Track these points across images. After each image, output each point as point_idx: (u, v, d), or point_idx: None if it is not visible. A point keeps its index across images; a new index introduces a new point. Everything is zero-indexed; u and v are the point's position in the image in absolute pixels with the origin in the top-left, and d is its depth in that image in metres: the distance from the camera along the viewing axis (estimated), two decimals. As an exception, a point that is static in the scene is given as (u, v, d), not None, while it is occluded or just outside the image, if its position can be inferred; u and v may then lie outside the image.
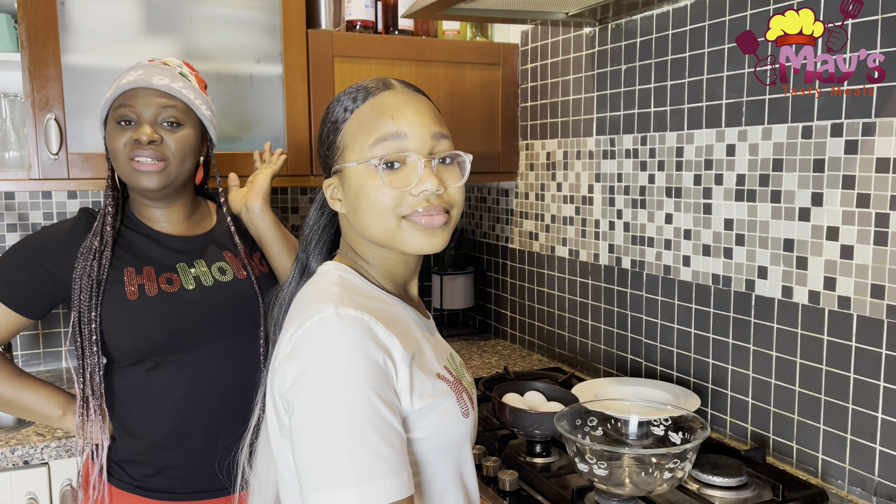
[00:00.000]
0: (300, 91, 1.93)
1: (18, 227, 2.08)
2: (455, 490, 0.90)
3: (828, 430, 1.38)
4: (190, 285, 1.32)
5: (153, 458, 1.31)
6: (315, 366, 0.78)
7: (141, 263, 1.31)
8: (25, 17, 1.67)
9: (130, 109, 1.27)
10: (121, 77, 1.30)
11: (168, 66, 1.32)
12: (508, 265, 2.35)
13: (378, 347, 0.79)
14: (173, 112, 1.28)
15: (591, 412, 1.30)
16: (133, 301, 1.27)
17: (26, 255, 1.31)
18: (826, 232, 1.35)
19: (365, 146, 0.87)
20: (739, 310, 1.53)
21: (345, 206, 0.91)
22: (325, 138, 0.93)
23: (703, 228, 1.60)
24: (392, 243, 0.88)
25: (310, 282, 0.92)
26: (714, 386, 1.61)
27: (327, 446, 0.75)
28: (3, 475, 1.54)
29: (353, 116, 0.89)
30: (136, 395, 1.31)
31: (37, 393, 1.33)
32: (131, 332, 1.27)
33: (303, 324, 0.81)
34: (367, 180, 0.86)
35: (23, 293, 1.30)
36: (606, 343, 1.93)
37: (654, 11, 1.68)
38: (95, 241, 1.28)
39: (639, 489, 1.18)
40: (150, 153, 1.26)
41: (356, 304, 0.83)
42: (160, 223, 1.37)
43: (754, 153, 1.47)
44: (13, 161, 1.92)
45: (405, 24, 2.09)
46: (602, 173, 1.89)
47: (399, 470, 0.76)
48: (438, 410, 0.84)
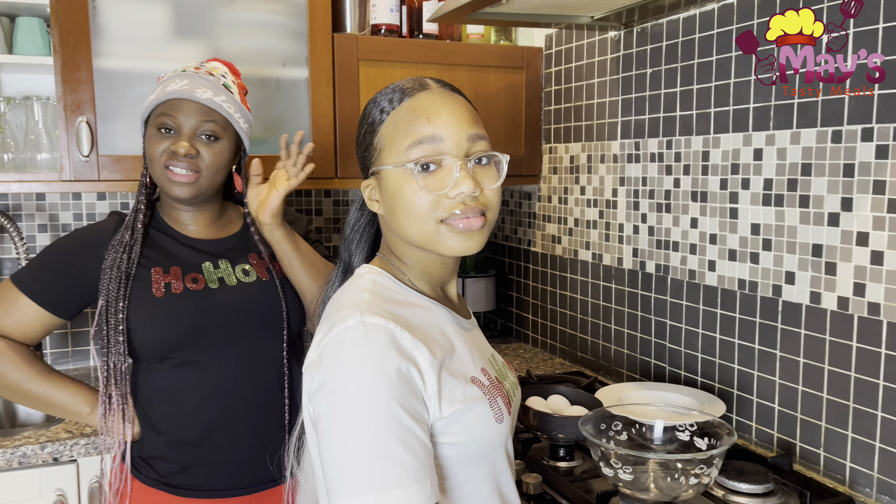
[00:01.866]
0: (325, 94, 1.94)
1: (49, 228, 2.12)
2: (492, 497, 0.89)
3: (856, 438, 1.36)
4: (214, 284, 1.34)
5: (178, 455, 1.33)
6: (338, 374, 0.79)
7: (168, 263, 1.34)
8: (58, 21, 1.70)
9: (172, 119, 1.30)
10: (166, 83, 1.32)
11: (213, 77, 1.35)
12: (531, 268, 2.35)
13: (402, 356, 0.80)
14: (213, 126, 1.31)
15: (616, 416, 1.29)
16: (159, 298, 1.30)
17: (58, 256, 1.34)
18: (856, 237, 1.34)
19: (401, 149, 0.87)
20: (766, 315, 1.52)
21: (382, 207, 0.91)
22: (362, 139, 0.94)
23: (729, 233, 1.59)
24: (430, 246, 0.88)
25: (344, 286, 0.93)
26: (739, 392, 1.60)
27: (348, 453, 0.76)
28: (33, 472, 1.57)
29: (389, 118, 0.89)
30: (161, 392, 1.33)
31: (66, 390, 1.36)
32: (156, 328, 1.30)
33: (330, 330, 0.82)
34: (403, 183, 0.86)
35: (55, 293, 1.33)
36: (630, 347, 1.93)
37: (680, 15, 1.67)
38: (126, 234, 1.32)
39: (664, 494, 1.17)
40: (185, 165, 1.29)
41: (384, 311, 0.83)
42: (188, 226, 1.40)
43: (782, 157, 1.46)
44: (45, 163, 1.95)
45: (429, 28, 2.10)
46: (626, 177, 1.88)
47: (421, 479, 0.76)
48: (469, 416, 0.84)
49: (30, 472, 1.57)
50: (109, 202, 2.17)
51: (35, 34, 1.85)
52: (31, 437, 1.60)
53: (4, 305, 1.32)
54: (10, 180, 1.75)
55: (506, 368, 1.00)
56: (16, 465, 1.55)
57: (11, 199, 2.07)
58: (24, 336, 1.34)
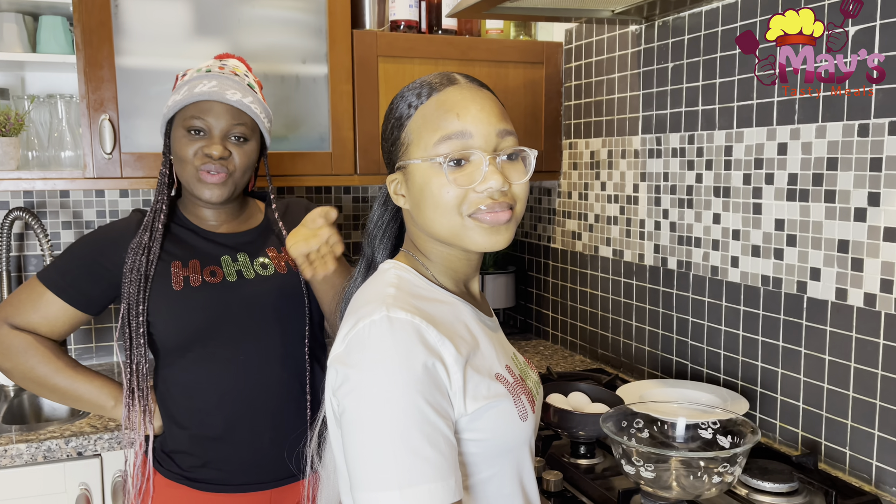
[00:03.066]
0: (345, 91, 1.94)
1: (73, 225, 2.14)
2: (515, 495, 0.89)
3: (882, 437, 1.34)
4: (232, 277, 1.35)
5: (200, 449, 1.34)
6: (364, 369, 0.79)
7: (187, 257, 1.35)
8: (80, 19, 1.72)
9: (202, 122, 1.30)
10: (192, 83, 1.33)
11: (238, 78, 1.35)
12: (550, 265, 2.34)
13: (428, 351, 0.79)
14: (243, 129, 1.33)
15: (637, 414, 1.28)
16: (178, 291, 1.31)
17: (83, 253, 1.36)
18: (883, 233, 1.31)
19: (430, 144, 0.87)
20: (790, 312, 1.50)
21: (408, 202, 0.91)
22: (388, 134, 0.93)
23: (752, 229, 1.57)
24: (456, 241, 0.88)
25: (368, 280, 0.93)
26: (763, 390, 1.58)
27: (374, 449, 0.76)
28: (58, 466, 1.59)
29: (417, 113, 0.89)
30: (182, 386, 1.35)
31: (91, 384, 1.37)
32: (175, 321, 1.32)
33: (355, 325, 0.82)
34: (431, 177, 0.86)
35: (80, 290, 1.35)
36: (651, 344, 1.91)
37: (702, 8, 1.65)
38: (145, 236, 1.33)
39: (686, 493, 1.16)
40: (218, 166, 1.31)
41: (410, 306, 0.83)
42: (209, 221, 1.41)
43: (807, 152, 1.44)
44: (68, 160, 1.97)
45: (449, 24, 2.09)
46: (648, 172, 1.87)
47: (446, 475, 0.76)
48: (494, 412, 0.84)
49: (55, 466, 1.59)
50: (132, 199, 2.19)
51: (58, 33, 1.87)
52: (55, 431, 1.62)
53: (32, 301, 1.34)
54: (35, 178, 1.77)
55: (527, 367, 0.99)
56: (41, 460, 1.57)
57: (36, 197, 2.10)
58: (50, 331, 1.36)
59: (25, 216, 1.94)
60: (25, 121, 1.90)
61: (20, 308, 1.34)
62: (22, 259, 2.11)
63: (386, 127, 0.94)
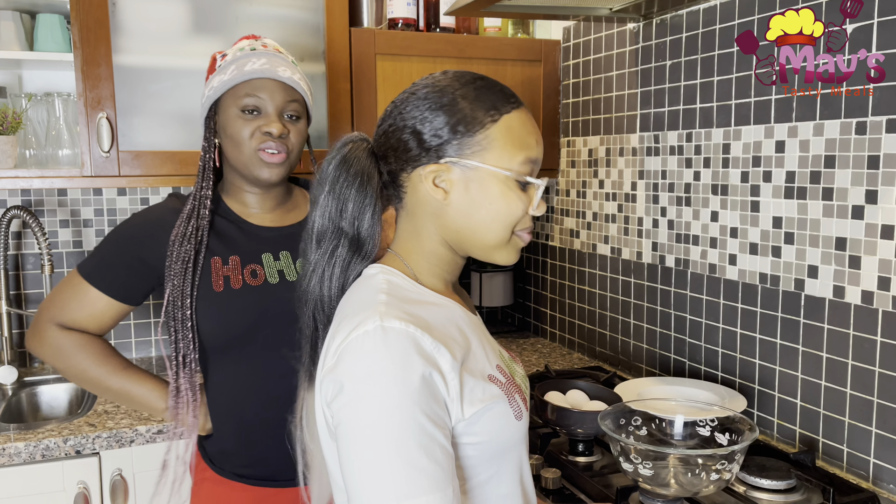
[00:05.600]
0: (343, 89, 1.94)
1: (70, 223, 2.14)
2: (514, 494, 0.89)
3: (880, 434, 1.34)
4: (273, 279, 1.31)
5: (243, 448, 1.33)
6: (359, 381, 0.77)
7: (228, 252, 1.31)
8: (78, 17, 1.72)
9: (258, 100, 1.27)
10: (241, 62, 1.28)
11: (283, 55, 1.33)
12: (549, 263, 2.34)
13: (424, 361, 0.78)
14: (296, 106, 1.30)
15: (636, 411, 1.28)
16: (219, 293, 1.28)
17: (120, 244, 1.32)
18: (881, 230, 1.32)
19: (515, 159, 0.87)
20: (788, 310, 1.50)
21: (450, 199, 0.88)
22: (451, 122, 0.87)
23: (750, 226, 1.57)
24: (490, 252, 0.90)
25: (355, 286, 0.90)
26: (761, 387, 1.58)
27: (370, 461, 0.75)
28: (56, 464, 1.59)
29: (502, 121, 0.87)
30: (223, 385, 1.33)
31: (143, 385, 1.35)
32: (215, 323, 1.29)
33: (347, 336, 0.80)
34: (506, 190, 0.87)
35: (122, 282, 1.31)
36: (649, 342, 1.91)
37: (700, 6, 1.65)
38: (190, 226, 1.28)
39: (684, 490, 1.16)
40: (278, 145, 1.27)
41: (403, 313, 0.81)
42: (252, 209, 1.36)
43: (805, 150, 1.44)
44: (66, 159, 1.97)
45: (447, 22, 2.09)
46: (646, 170, 1.87)
47: (443, 486, 0.76)
48: (490, 415, 0.84)
49: (52, 465, 1.59)
50: (130, 197, 2.19)
51: (55, 31, 1.87)
52: (53, 430, 1.62)
53: (77, 299, 1.31)
54: (32, 176, 1.77)
55: (512, 362, 0.99)
56: (39, 458, 1.57)
57: (34, 195, 2.10)
58: (99, 328, 1.33)
59: (23, 215, 1.94)
60: (23, 119, 1.89)
61: (66, 307, 1.31)
62: (19, 258, 2.11)
63: (439, 111, 0.87)
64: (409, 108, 0.89)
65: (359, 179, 0.90)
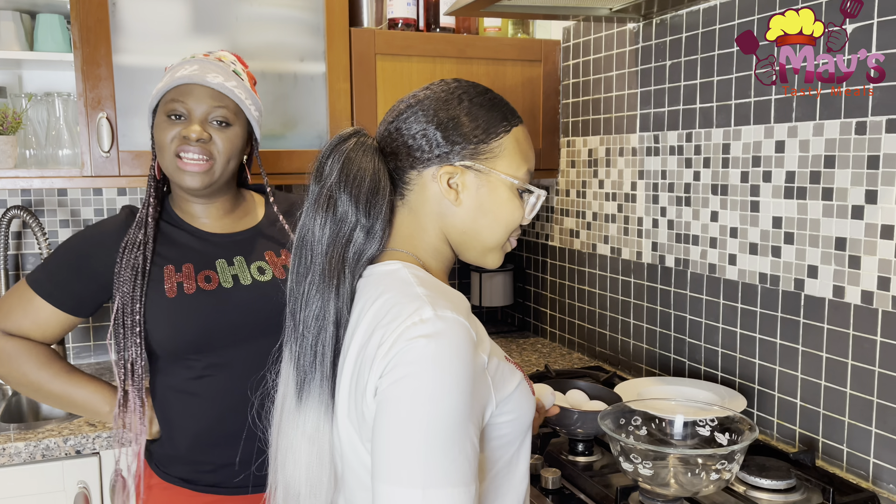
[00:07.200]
0: (343, 89, 1.94)
1: (70, 224, 2.14)
2: (525, 474, 0.92)
3: (880, 434, 1.34)
4: (228, 284, 1.31)
5: (197, 453, 1.32)
6: (415, 362, 0.77)
7: (181, 260, 1.31)
8: (78, 18, 1.72)
9: (182, 105, 1.26)
10: (175, 69, 1.30)
11: (222, 63, 1.32)
12: (548, 263, 2.34)
13: (479, 350, 0.82)
14: (224, 112, 1.28)
15: (636, 411, 1.28)
16: (172, 298, 1.27)
17: (71, 255, 1.32)
18: (880, 230, 1.32)
19: (520, 168, 0.93)
20: (788, 310, 1.50)
21: (462, 202, 0.91)
22: (470, 129, 0.91)
23: (750, 226, 1.57)
24: (485, 254, 0.95)
25: (376, 283, 0.88)
26: (760, 387, 1.58)
27: (405, 443, 0.76)
28: (56, 464, 1.59)
29: (513, 131, 0.94)
30: (175, 390, 1.32)
31: (85, 389, 1.35)
32: (169, 329, 1.28)
33: (404, 321, 0.80)
34: (511, 197, 0.93)
35: (70, 293, 1.31)
36: (649, 342, 1.91)
37: (700, 6, 1.65)
38: (139, 233, 1.28)
39: (684, 490, 1.17)
40: (198, 150, 1.26)
41: (448, 303, 0.83)
42: (200, 219, 1.36)
43: (805, 150, 1.44)
44: (66, 159, 1.97)
45: (447, 22, 2.09)
46: (646, 170, 1.87)
47: (469, 481, 0.77)
48: (518, 390, 0.87)
49: (53, 465, 1.59)
50: (130, 197, 2.19)
51: (55, 31, 1.87)
52: (53, 430, 1.62)
53: (22, 307, 1.31)
54: (32, 176, 1.77)
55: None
56: (39, 458, 1.57)
57: (34, 195, 2.10)
58: (43, 336, 1.33)
59: (23, 215, 1.94)
60: (23, 119, 1.89)
61: (10, 313, 1.31)
62: (20, 257, 2.11)
63: (460, 115, 0.91)
64: (426, 109, 0.92)
65: (368, 178, 0.89)
